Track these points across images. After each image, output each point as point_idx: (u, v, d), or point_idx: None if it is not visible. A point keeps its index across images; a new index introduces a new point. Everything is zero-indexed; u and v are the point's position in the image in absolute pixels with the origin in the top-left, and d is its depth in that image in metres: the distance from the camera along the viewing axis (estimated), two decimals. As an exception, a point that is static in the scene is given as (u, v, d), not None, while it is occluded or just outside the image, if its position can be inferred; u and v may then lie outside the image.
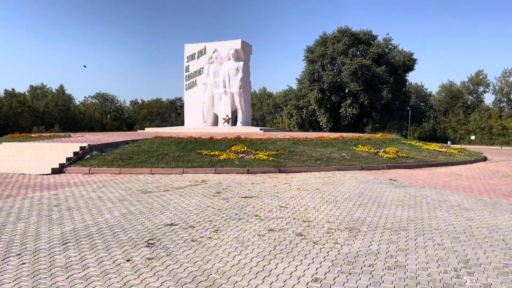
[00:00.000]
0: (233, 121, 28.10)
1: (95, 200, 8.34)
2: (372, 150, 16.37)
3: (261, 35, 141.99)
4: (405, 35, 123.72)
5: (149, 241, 5.48)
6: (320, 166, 13.77)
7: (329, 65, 53.26)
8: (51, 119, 66.74)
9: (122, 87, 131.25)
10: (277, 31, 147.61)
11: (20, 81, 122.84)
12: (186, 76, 29.46)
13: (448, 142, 49.07)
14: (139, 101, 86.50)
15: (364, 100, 48.71)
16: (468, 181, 11.54)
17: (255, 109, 76.96)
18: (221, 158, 13.97)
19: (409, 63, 52.03)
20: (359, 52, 52.00)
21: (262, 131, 24.81)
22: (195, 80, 29.13)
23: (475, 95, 70.53)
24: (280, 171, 13.04)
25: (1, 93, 65.17)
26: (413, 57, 52.27)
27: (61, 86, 75.00)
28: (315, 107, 52.32)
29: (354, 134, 24.17)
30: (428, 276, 4.24)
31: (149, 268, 4.44)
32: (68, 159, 13.72)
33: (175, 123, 68.47)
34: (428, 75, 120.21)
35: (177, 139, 17.04)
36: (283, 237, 5.64)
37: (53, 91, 75.71)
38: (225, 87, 27.50)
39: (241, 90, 27.36)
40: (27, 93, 72.56)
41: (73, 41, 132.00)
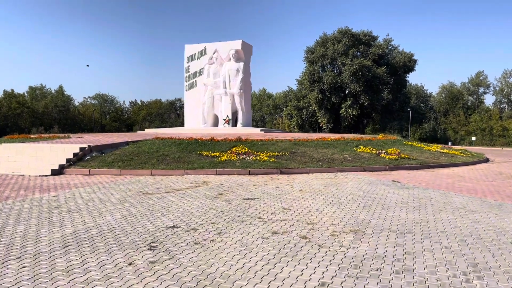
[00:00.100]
0: (233, 122, 28.00)
1: (95, 202, 8.25)
2: (374, 151, 16.28)
3: (261, 36, 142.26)
4: (405, 36, 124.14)
5: (151, 244, 5.39)
6: (322, 167, 13.68)
7: (329, 66, 53.21)
8: (50, 120, 66.63)
9: (121, 88, 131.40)
10: (277, 32, 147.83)
11: (19, 81, 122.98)
12: (186, 76, 29.35)
13: (449, 143, 49.01)
14: (139, 102, 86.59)
15: (364, 101, 48.66)
16: (472, 182, 11.46)
17: (255, 110, 76.89)
18: (222, 159, 13.88)
19: (409, 64, 51.97)
20: (359, 53, 51.95)
21: (263, 132, 24.73)
22: (195, 80, 29.03)
23: (475, 96, 70.51)
24: (281, 173, 12.96)
25: (0, 94, 65.17)
26: (414, 58, 52.22)
27: (61, 87, 74.95)
28: (315, 108, 52.26)
29: (355, 135, 24.09)
30: (438, 281, 4.15)
31: (152, 272, 4.35)
32: (67, 160, 13.63)
33: (174, 124, 68.38)
34: (428, 76, 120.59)
35: (177, 140, 16.95)
36: (287, 240, 5.55)
37: (52, 92, 75.64)
38: (225, 87, 27.39)
39: (241, 91, 27.25)
40: (26, 94, 72.52)
41: (72, 41, 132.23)
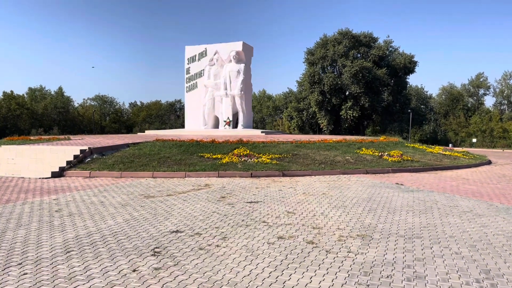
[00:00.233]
0: (234, 123, 27.88)
1: (97, 205, 8.14)
2: (376, 154, 16.17)
3: (261, 37, 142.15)
4: (406, 37, 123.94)
5: (155, 249, 5.28)
6: (324, 169, 13.58)
7: (329, 67, 53.02)
8: (50, 121, 66.43)
9: (121, 89, 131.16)
10: (277, 33, 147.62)
11: (18, 83, 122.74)
12: (186, 78, 29.24)
13: (449, 144, 48.88)
14: (138, 103, 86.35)
15: (364, 102, 48.50)
16: (476, 185, 11.35)
17: (255, 111, 76.65)
18: (223, 162, 13.76)
19: (409, 66, 51.81)
20: (359, 55, 51.80)
21: (264, 133, 24.63)
22: (196, 82, 28.92)
23: (475, 97, 70.38)
24: (284, 175, 12.85)
25: (0, 95, 64.92)
26: (414, 59, 52.10)
27: (60, 88, 74.72)
28: (316, 110, 52.09)
29: (357, 137, 23.98)
30: (450, 288, 4.05)
31: (157, 279, 4.24)
32: (68, 162, 13.51)
33: (174, 125, 68.19)
34: (429, 77, 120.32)
35: (178, 142, 16.84)
36: (293, 245, 5.44)
37: (52, 93, 75.42)
38: (226, 89, 27.26)
39: (242, 93, 27.13)
40: (25, 95, 72.29)
41: (72, 42, 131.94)
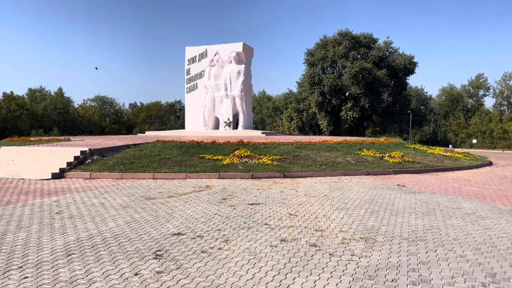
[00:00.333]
0: (234, 124, 27.84)
1: (97, 207, 8.09)
2: (377, 155, 16.13)
3: (260, 38, 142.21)
4: (406, 38, 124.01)
5: (157, 252, 5.23)
6: (325, 171, 13.53)
7: (329, 68, 53.02)
8: (50, 122, 66.40)
9: (121, 90, 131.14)
10: (277, 34, 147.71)
11: (18, 84, 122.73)
12: (187, 79, 29.22)
13: (450, 145, 48.86)
14: (138, 104, 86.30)
15: (364, 103, 48.51)
16: (478, 187, 11.31)
17: (255, 112, 76.66)
18: (224, 163, 13.72)
19: (409, 67, 51.84)
20: (359, 56, 51.81)
21: (264, 134, 24.59)
22: (196, 83, 28.89)
23: (475, 98, 70.43)
24: (285, 176, 12.80)
25: (0, 96, 64.85)
26: (414, 60, 52.12)
27: (60, 89, 74.74)
28: (316, 111, 52.08)
29: (358, 138, 23.93)
30: (456, 293, 4.00)
31: (159, 283, 4.19)
32: (68, 163, 13.46)
33: (174, 126, 68.18)
34: (428, 78, 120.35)
35: (179, 143, 16.79)
36: (296, 248, 5.40)
37: (52, 94, 75.36)
38: (226, 90, 27.23)
39: (242, 93, 27.10)
40: (25, 96, 72.23)
41: (72, 43, 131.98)
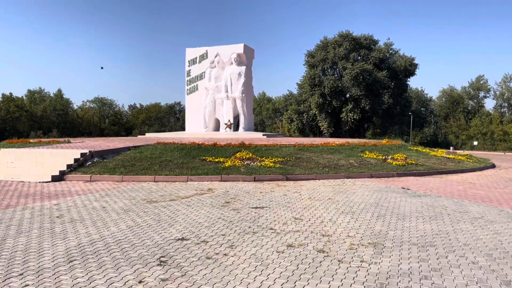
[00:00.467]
0: (235, 126, 27.70)
1: (99, 211, 7.95)
2: (380, 157, 16.00)
3: (260, 39, 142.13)
4: (406, 40, 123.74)
5: (161, 258, 5.09)
6: (328, 173, 13.40)
7: (330, 69, 52.95)
8: (49, 123, 66.20)
9: (120, 91, 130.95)
10: (277, 35, 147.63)
11: (17, 85, 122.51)
12: (187, 80, 29.09)
13: (451, 147, 48.72)
14: (138, 105, 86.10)
15: (365, 105, 48.40)
16: (483, 190, 11.18)
17: (254, 114, 76.46)
18: (226, 165, 13.58)
19: (410, 68, 51.78)
20: (360, 57, 51.73)
21: (266, 136, 24.46)
22: (197, 84, 28.76)
23: (475, 100, 70.38)
24: (287, 179, 12.67)
25: (-1, 97, 64.72)
26: (414, 62, 52.06)
27: (59, 91, 74.43)
28: (316, 112, 51.96)
29: (360, 140, 23.81)
30: (472, 302, 3.86)
31: (165, 292, 4.06)
32: (68, 166, 13.32)
33: (174, 127, 68.02)
34: (429, 80, 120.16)
35: (180, 145, 16.65)
36: (304, 254, 5.26)
37: (51, 95, 75.15)
38: (227, 91, 27.08)
39: (243, 95, 26.97)
40: (25, 98, 72.03)
41: (72, 44, 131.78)
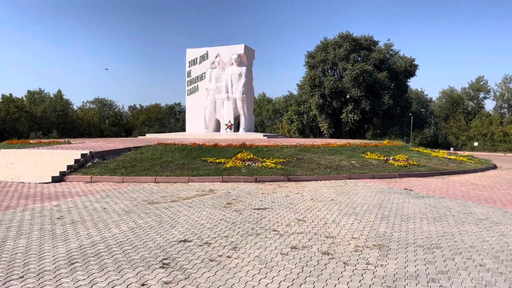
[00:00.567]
0: (235, 127, 27.63)
1: (100, 212, 7.87)
2: (382, 158, 15.93)
3: (260, 40, 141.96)
4: (406, 40, 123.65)
5: (164, 260, 5.02)
6: (330, 174, 13.33)
7: (330, 70, 52.89)
8: (49, 124, 66.09)
9: (120, 92, 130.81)
10: (277, 36, 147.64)
11: (17, 86, 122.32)
12: (187, 81, 29.02)
13: (451, 148, 48.66)
14: (138, 106, 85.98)
15: (365, 106, 48.36)
16: (487, 191, 11.11)
17: (254, 114, 76.39)
18: (227, 166, 13.51)
19: (410, 69, 51.76)
20: (360, 58, 51.69)
21: (266, 137, 24.37)
22: (197, 85, 28.69)
23: (475, 101, 70.31)
24: (289, 180, 12.60)
25: (-1, 98, 64.60)
26: (414, 63, 52.04)
27: (59, 91, 74.31)
28: (316, 113, 51.91)
29: (361, 141, 23.73)
30: (482, 305, 3.79)
31: (168, 295, 3.98)
32: (69, 166, 13.24)
33: (174, 128, 67.93)
34: (429, 80, 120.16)
35: (180, 145, 16.58)
36: (308, 256, 5.19)
37: (51, 96, 75.03)
38: (227, 92, 26.99)
39: (244, 96, 26.88)
40: (24, 98, 71.89)
41: (71, 45, 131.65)
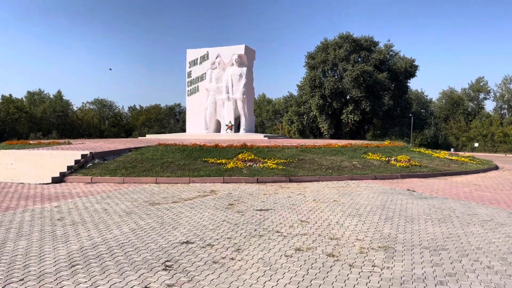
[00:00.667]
0: (236, 127, 27.55)
1: (100, 213, 7.79)
2: (384, 159, 15.85)
3: (260, 41, 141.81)
4: (406, 41, 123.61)
5: (166, 262, 4.94)
6: (331, 175, 13.25)
7: (330, 71, 52.90)
8: (49, 125, 66.02)
9: (120, 93, 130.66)
10: (277, 36, 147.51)
11: (17, 86, 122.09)
12: (188, 81, 28.95)
13: (451, 149, 48.61)
14: (138, 107, 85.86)
15: (365, 106, 48.34)
16: (489, 191, 11.04)
17: (255, 115, 76.34)
18: (228, 167, 13.43)
19: (410, 70, 51.79)
20: (360, 59, 51.71)
21: (267, 138, 24.31)
22: (198, 86, 28.62)
23: (476, 102, 70.31)
24: (291, 181, 12.52)
25: (-2, 98, 64.51)
26: (415, 63, 52.05)
27: (59, 92, 74.26)
28: (316, 114, 51.90)
29: (362, 142, 23.67)
30: (492, 309, 3.71)
31: (171, 298, 3.90)
32: (69, 167, 13.15)
33: (174, 129, 67.83)
34: (429, 81, 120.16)
35: (181, 146, 16.50)
36: (313, 258, 5.11)
37: (51, 96, 74.93)
38: (228, 93, 26.91)
39: (244, 96, 26.81)
40: (24, 99, 71.83)
41: (71, 46, 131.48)
